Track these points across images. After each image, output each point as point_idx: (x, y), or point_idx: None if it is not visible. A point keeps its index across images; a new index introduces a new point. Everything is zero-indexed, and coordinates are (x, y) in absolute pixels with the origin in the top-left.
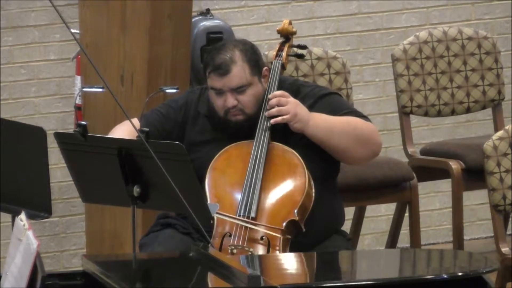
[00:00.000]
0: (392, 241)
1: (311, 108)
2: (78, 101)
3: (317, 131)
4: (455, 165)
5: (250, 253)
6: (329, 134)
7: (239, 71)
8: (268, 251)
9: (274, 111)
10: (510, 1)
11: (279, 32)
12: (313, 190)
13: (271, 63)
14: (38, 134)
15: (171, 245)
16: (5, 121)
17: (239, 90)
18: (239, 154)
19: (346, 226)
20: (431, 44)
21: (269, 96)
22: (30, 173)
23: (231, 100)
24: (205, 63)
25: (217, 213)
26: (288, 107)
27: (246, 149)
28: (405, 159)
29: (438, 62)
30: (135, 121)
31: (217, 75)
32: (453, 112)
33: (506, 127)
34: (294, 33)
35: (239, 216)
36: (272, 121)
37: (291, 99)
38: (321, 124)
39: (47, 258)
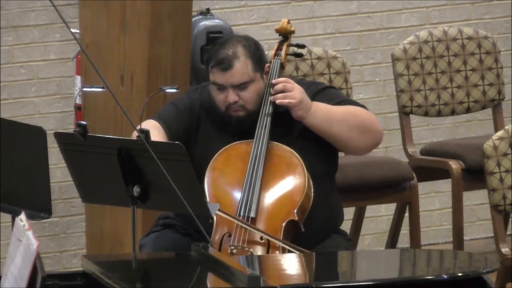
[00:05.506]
0: (392, 241)
1: None
2: (78, 101)
3: (317, 120)
4: (455, 165)
5: (249, 253)
6: (330, 123)
7: (242, 67)
8: (267, 251)
9: (280, 96)
10: (510, 1)
11: (277, 31)
12: (312, 190)
13: (270, 62)
14: (38, 134)
15: (171, 246)
16: (5, 121)
17: (241, 86)
18: (238, 154)
19: (346, 226)
20: (431, 44)
21: (273, 81)
22: (30, 173)
23: (232, 96)
24: (207, 57)
25: (219, 211)
26: (294, 93)
27: (245, 148)
28: (405, 159)
29: (438, 62)
30: (150, 122)
31: (219, 70)
32: (453, 112)
33: (506, 127)
34: (293, 32)
35: (239, 216)
36: (278, 102)
37: (296, 85)
38: (321, 112)
39: (47, 258)
